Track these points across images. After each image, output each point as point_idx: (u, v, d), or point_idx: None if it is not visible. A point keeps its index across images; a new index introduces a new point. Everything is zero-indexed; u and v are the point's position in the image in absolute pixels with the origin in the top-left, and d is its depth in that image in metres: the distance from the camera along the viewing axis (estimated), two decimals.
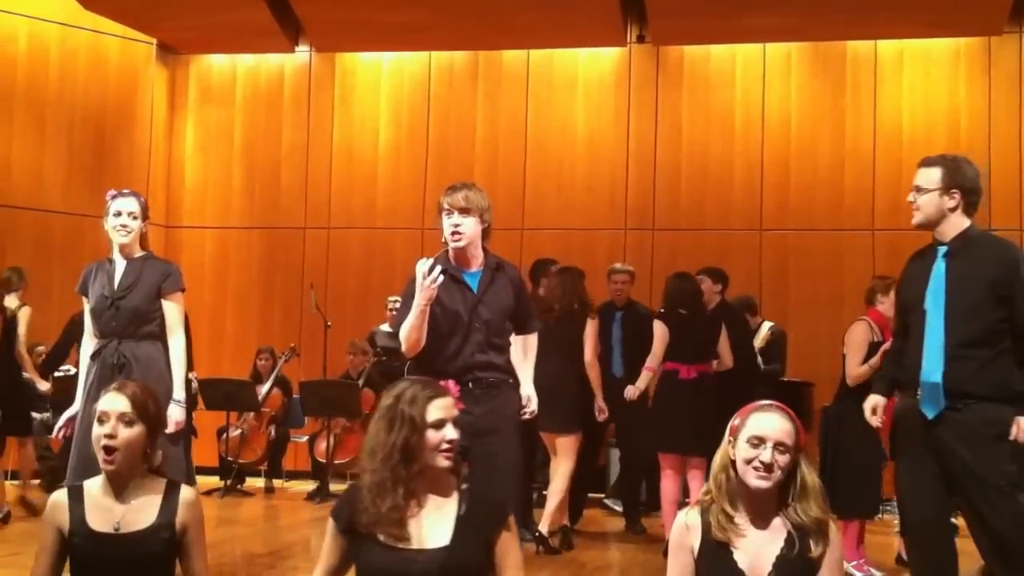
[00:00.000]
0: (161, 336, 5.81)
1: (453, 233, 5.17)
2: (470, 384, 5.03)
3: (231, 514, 10.15)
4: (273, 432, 11.65)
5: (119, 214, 5.77)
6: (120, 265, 5.81)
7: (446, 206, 5.21)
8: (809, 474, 3.41)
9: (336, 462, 11.16)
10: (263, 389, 11.53)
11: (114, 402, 3.58)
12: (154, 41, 13.19)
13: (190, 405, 11.23)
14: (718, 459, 3.46)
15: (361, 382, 11.22)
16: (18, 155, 12.20)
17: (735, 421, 3.45)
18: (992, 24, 11.84)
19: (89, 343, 5.84)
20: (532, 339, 5.59)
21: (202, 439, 11.79)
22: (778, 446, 3.34)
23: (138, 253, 5.84)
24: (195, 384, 11.38)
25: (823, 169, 12.26)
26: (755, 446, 3.34)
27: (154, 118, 13.25)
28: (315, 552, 8.42)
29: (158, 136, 13.29)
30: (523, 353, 5.56)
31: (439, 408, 3.35)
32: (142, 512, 3.57)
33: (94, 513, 3.57)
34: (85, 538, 3.55)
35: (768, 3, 11.36)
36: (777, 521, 3.39)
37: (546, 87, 12.80)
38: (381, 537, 3.31)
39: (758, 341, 10.14)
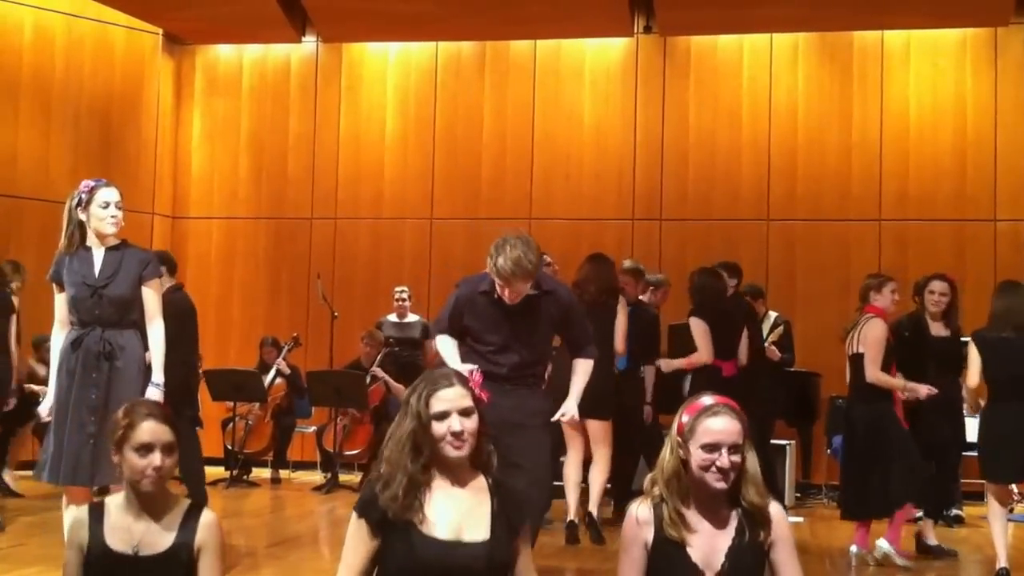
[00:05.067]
0: (141, 324, 5.84)
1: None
2: (502, 379, 5.40)
3: (237, 505, 10.11)
4: (278, 422, 11.64)
5: (107, 205, 5.76)
6: (98, 253, 5.79)
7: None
8: (751, 461, 3.40)
9: (345, 453, 11.15)
10: (266, 379, 11.50)
11: (158, 433, 3.46)
12: (160, 31, 13.13)
13: (193, 395, 11.34)
14: (668, 462, 3.43)
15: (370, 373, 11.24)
16: (24, 145, 12.16)
17: (683, 419, 3.42)
18: (999, 15, 11.80)
19: (60, 332, 5.82)
20: (587, 364, 5.87)
21: (208, 430, 11.85)
22: (732, 448, 3.34)
23: (114, 241, 5.84)
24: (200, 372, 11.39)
25: (830, 159, 12.21)
26: (710, 451, 3.33)
27: (160, 108, 13.20)
28: (323, 543, 8.45)
29: (164, 127, 13.25)
30: (575, 373, 5.86)
31: (442, 400, 3.36)
32: (161, 535, 3.48)
33: (114, 533, 3.47)
34: (103, 559, 3.45)
35: None
36: (728, 512, 3.41)
37: (553, 78, 12.75)
38: (419, 527, 3.30)
39: (771, 334, 10.10)
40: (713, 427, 3.34)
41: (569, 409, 5.80)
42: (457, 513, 3.35)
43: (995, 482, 7.08)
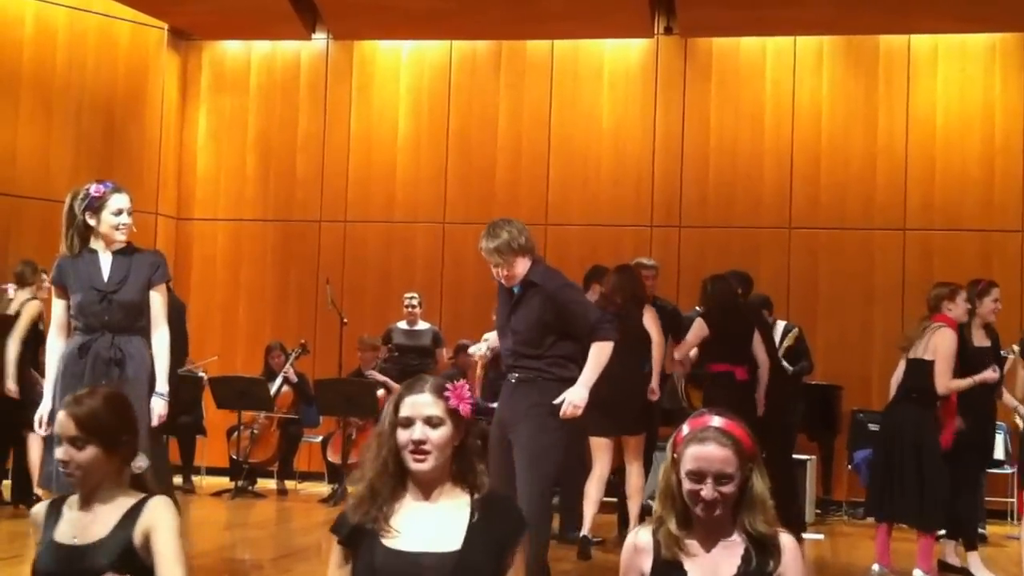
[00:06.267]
0: (148, 330, 5.72)
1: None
2: (510, 377, 5.81)
3: (242, 516, 10.01)
4: (285, 431, 11.39)
5: (120, 212, 5.64)
6: (105, 257, 5.65)
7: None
8: (758, 486, 3.13)
9: (351, 462, 10.88)
10: (273, 387, 11.27)
11: (64, 426, 3.40)
12: (166, 26, 12.94)
13: (196, 402, 11.15)
14: (663, 479, 3.21)
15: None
16: (24, 143, 11.95)
17: (681, 433, 3.16)
18: None
19: (59, 337, 5.68)
20: (597, 346, 5.75)
21: (212, 438, 11.65)
22: (719, 478, 3.07)
23: (121, 244, 5.71)
24: (204, 379, 11.20)
25: (854, 166, 12.02)
26: (695, 481, 3.09)
27: (165, 106, 12.99)
28: (328, 556, 8.21)
29: (169, 124, 13.03)
30: (589, 358, 5.78)
31: (407, 405, 3.20)
32: (102, 524, 3.40)
33: (62, 525, 3.45)
34: (45, 549, 3.44)
35: None
36: (733, 537, 3.15)
37: (571, 78, 12.54)
38: (384, 539, 3.12)
39: (783, 342, 9.89)
40: (697, 454, 3.09)
41: (570, 396, 5.61)
42: (428, 527, 3.15)
43: None
